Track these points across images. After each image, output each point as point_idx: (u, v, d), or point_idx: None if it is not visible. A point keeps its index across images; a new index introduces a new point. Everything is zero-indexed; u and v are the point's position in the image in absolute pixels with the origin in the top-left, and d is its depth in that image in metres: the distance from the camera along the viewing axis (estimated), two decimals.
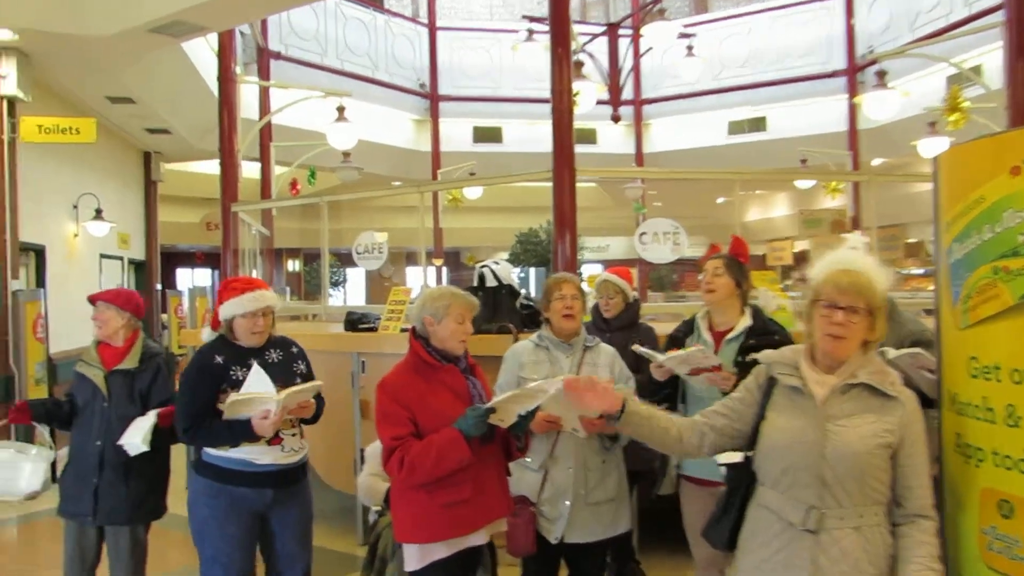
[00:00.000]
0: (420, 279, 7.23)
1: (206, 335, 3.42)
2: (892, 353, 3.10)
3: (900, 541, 2.12)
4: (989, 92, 8.54)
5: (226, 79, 7.76)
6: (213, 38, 8.46)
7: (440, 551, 2.73)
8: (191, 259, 21.78)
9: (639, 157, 15.51)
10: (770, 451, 2.20)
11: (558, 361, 3.17)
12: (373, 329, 5.11)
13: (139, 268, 12.37)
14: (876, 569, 2.08)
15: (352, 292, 22.80)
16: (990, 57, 9.22)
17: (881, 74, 8.87)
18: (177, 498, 3.82)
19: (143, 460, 3.52)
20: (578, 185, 5.68)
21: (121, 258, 11.36)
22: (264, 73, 11.85)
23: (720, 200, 18.18)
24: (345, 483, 5.04)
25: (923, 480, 2.16)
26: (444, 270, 17.20)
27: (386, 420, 2.73)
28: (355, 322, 5.17)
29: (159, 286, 12.76)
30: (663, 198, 17.65)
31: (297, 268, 21.49)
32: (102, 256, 10.47)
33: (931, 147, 9.39)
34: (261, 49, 11.82)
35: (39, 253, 8.52)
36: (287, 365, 3.27)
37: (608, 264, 20.19)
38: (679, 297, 16.67)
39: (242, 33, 11.35)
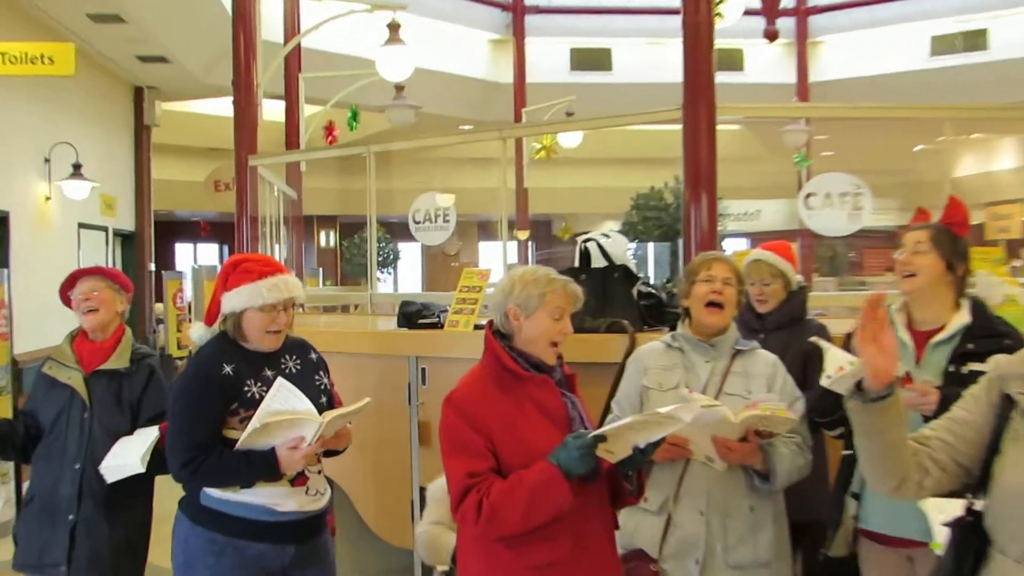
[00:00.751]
0: (499, 258, 7.24)
1: (198, 334, 3.32)
2: None
3: None
4: None
5: None
6: None
7: None
8: (194, 230, 22.35)
9: (803, 89, 15.22)
10: (1013, 505, 2.07)
11: (694, 368, 3.15)
12: (438, 325, 5.14)
13: (127, 241, 12.70)
14: None
15: (406, 275, 23.13)
16: None
17: None
18: (163, 550, 3.82)
19: (128, 494, 3.58)
20: (719, 128, 5.60)
21: (105, 228, 11.69)
22: None
23: (918, 148, 17.68)
24: (399, 534, 5.09)
25: None
26: (531, 246, 17.27)
27: (458, 450, 2.69)
28: (412, 315, 5.20)
29: (152, 266, 13.10)
30: (836, 145, 17.24)
31: (332, 242, 21.85)
32: (81, 226, 10.79)
33: None
34: None
35: (1, 222, 8.81)
36: (307, 377, 3.27)
37: (759, 238, 19.91)
38: (858, 284, 16.29)
39: None
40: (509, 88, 15.02)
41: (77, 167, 9.81)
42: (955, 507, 2.35)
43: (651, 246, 13.99)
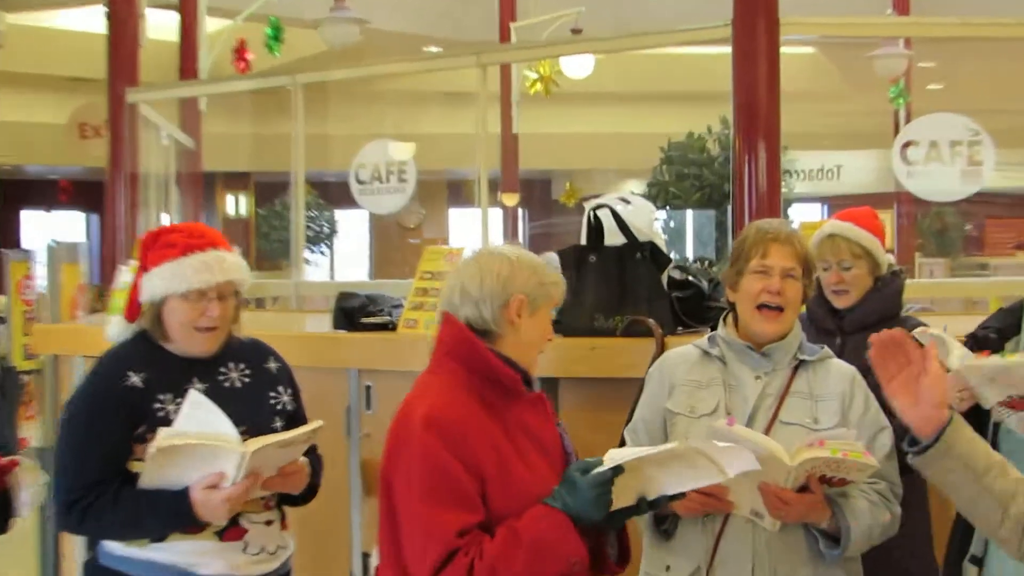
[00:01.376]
0: (477, 233, 7.24)
1: (115, 331, 3.33)
2: None
3: None
4: None
5: None
6: None
7: None
8: (50, 193, 22.22)
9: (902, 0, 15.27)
10: None
11: (739, 386, 3.14)
12: (389, 326, 5.14)
13: None
14: None
15: (347, 257, 23.07)
16: None
17: None
18: None
19: None
20: (784, 52, 5.61)
21: None
22: None
23: None
24: None
25: None
26: (522, 214, 17.28)
27: (443, 495, 2.60)
28: (353, 312, 5.18)
29: None
30: (947, 75, 17.34)
31: (243, 209, 21.83)
32: None
33: None
34: None
35: None
36: (258, 393, 3.29)
37: (839, 204, 19.96)
38: (978, 267, 16.40)
39: None
40: None
41: None
42: None
43: (689, 214, 14.00)
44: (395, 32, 14.00)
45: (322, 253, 20.72)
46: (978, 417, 3.29)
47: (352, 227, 22.32)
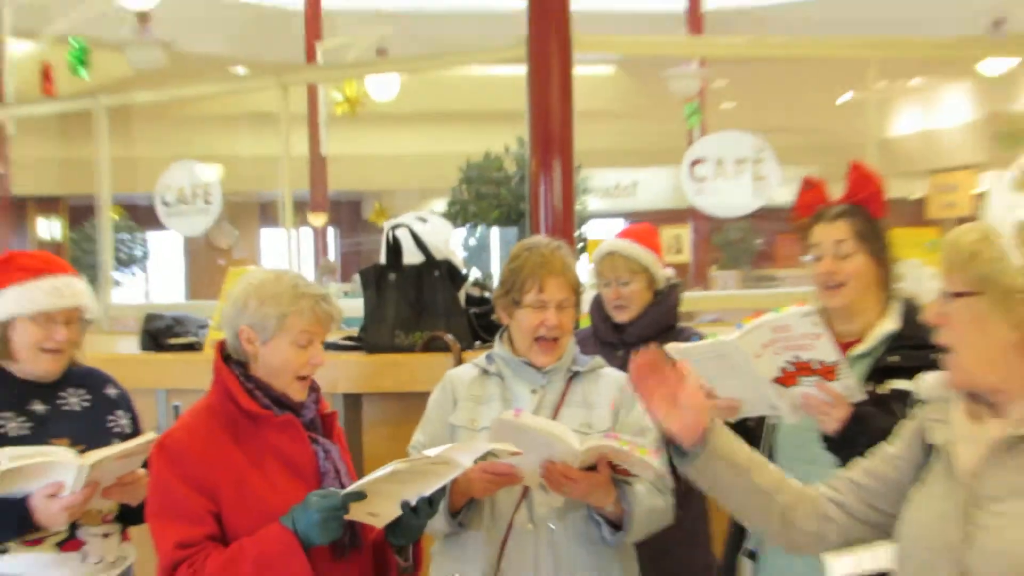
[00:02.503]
0: (284, 252, 7.18)
1: None
2: None
3: None
4: None
5: None
6: None
7: None
8: None
9: (694, 18, 15.58)
10: (901, 547, 2.25)
11: (517, 400, 3.17)
12: (196, 347, 5.08)
13: None
14: None
15: (164, 278, 22.73)
16: None
17: None
18: None
19: None
20: (580, 71, 5.67)
21: None
22: None
23: (844, 98, 18.30)
24: None
25: None
26: (332, 233, 17.19)
27: (168, 512, 2.69)
28: (160, 333, 5.13)
29: None
30: (739, 94, 17.74)
31: (55, 234, 21.37)
32: None
33: None
34: None
35: None
36: (97, 417, 3.27)
37: (637, 219, 20.28)
38: (766, 279, 16.80)
39: None
40: (299, 16, 14.92)
41: None
42: (856, 561, 2.60)
43: (495, 231, 14.10)
44: (201, 54, 13.81)
45: (133, 274, 20.39)
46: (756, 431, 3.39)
47: (167, 249, 22.00)
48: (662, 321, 3.98)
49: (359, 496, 2.61)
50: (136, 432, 3.32)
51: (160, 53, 11.10)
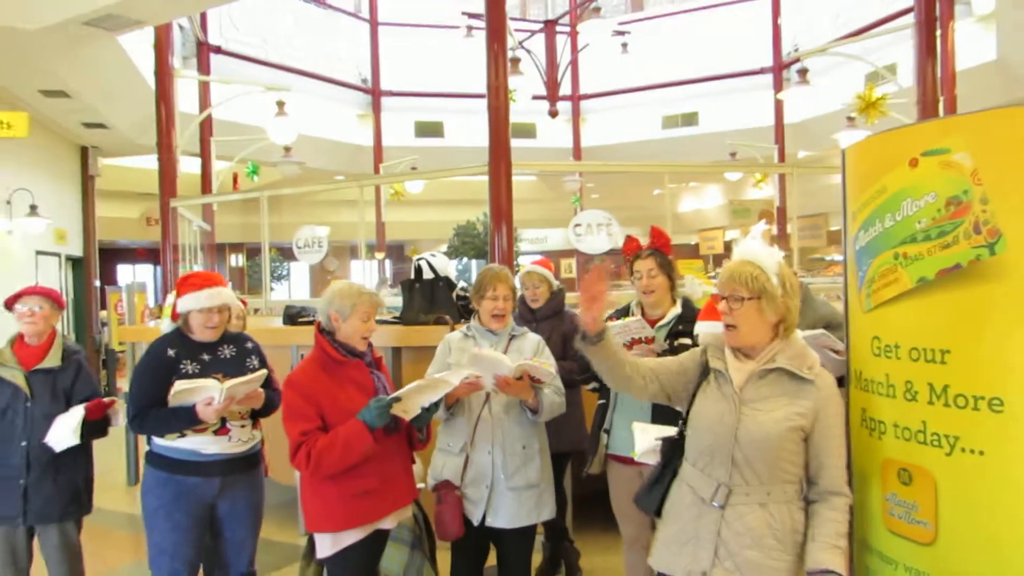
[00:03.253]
0: (362, 272, 7.16)
1: (166, 326, 3.39)
2: (800, 335, 3.22)
3: (811, 519, 2.19)
4: (902, 89, 8.83)
5: (163, 73, 7.58)
6: (150, 31, 8.24)
7: (351, 536, 2.79)
8: (132, 255, 21.26)
9: (576, 151, 15.60)
10: (694, 431, 2.30)
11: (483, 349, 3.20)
12: (313, 322, 5.06)
13: (76, 264, 12.03)
14: (780, 544, 2.15)
15: (296, 286, 22.52)
16: (904, 56, 9.52)
17: (803, 72, 9.08)
18: (114, 495, 3.76)
19: (69, 456, 3.46)
20: (518, 178, 5.71)
21: (58, 254, 11.04)
22: (204, 67, 11.59)
23: (656, 192, 18.38)
24: (287, 475, 4.98)
25: (836, 459, 2.22)
26: (388, 263, 17.10)
27: (294, 416, 2.73)
28: (294, 316, 5.11)
29: (97, 282, 12.43)
30: (600, 191, 17.81)
31: (240, 263, 21.13)
32: (38, 253, 10.16)
33: (850, 141, 9.60)
34: (200, 43, 11.55)
35: None
36: (240, 360, 3.21)
37: (549, 256, 20.29)
38: (616, 286, 16.84)
39: (181, 27, 11.08)
40: (370, 149, 14.83)
41: (33, 207, 9.24)
42: (654, 431, 2.66)
43: (473, 263, 14.15)
44: (320, 168, 13.75)
45: (281, 285, 20.23)
46: None
47: (302, 270, 21.85)
48: (555, 307, 4.05)
49: (396, 399, 2.69)
50: (263, 367, 3.28)
51: (297, 168, 11.02)
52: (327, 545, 2.80)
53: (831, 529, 2.15)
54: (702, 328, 2.86)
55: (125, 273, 21.85)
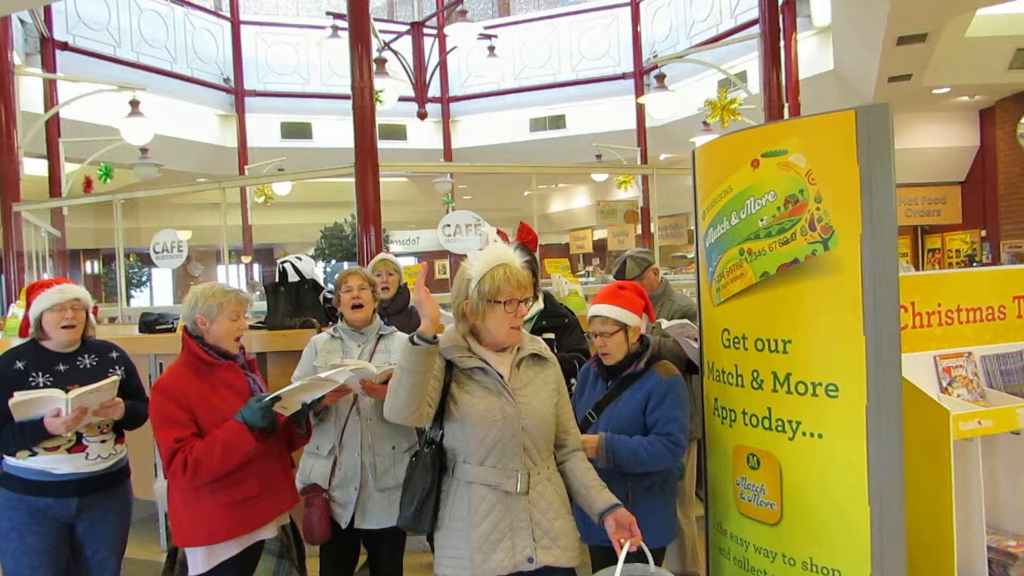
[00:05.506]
0: (227, 277, 6.88)
1: (14, 343, 3.09)
2: (665, 324, 3.32)
3: (572, 473, 2.34)
4: (752, 96, 9.30)
5: (1, 69, 7.01)
6: None
7: (228, 550, 2.61)
8: None
9: (447, 152, 15.60)
10: (474, 428, 2.21)
11: (350, 350, 3.11)
12: (172, 330, 4.80)
13: None
14: (566, 506, 2.30)
15: (159, 293, 21.39)
16: (752, 64, 10.05)
17: (661, 77, 9.42)
18: None
19: None
20: (388, 180, 5.64)
21: None
22: (49, 65, 10.81)
23: (527, 193, 18.60)
24: (146, 490, 4.71)
25: (573, 422, 2.42)
26: (256, 267, 16.53)
27: (166, 423, 2.55)
28: (151, 323, 4.82)
29: None
30: (472, 192, 17.86)
31: (96, 269, 19.89)
32: None
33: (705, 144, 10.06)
34: (45, 39, 10.77)
35: None
36: (101, 371, 2.98)
37: (421, 256, 20.15)
38: None
39: (22, 21, 10.31)
40: (234, 151, 14.29)
41: None
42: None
43: (342, 264, 13.92)
44: (180, 171, 13.08)
45: (141, 292, 19.18)
46: None
47: (165, 276, 20.73)
48: (404, 303, 4.07)
49: (276, 399, 2.57)
50: (131, 379, 3.09)
51: (154, 170, 10.46)
52: (200, 561, 2.60)
53: (593, 475, 2.34)
54: (616, 316, 2.68)
55: None
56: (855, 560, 2.08)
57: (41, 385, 2.83)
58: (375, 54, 7.00)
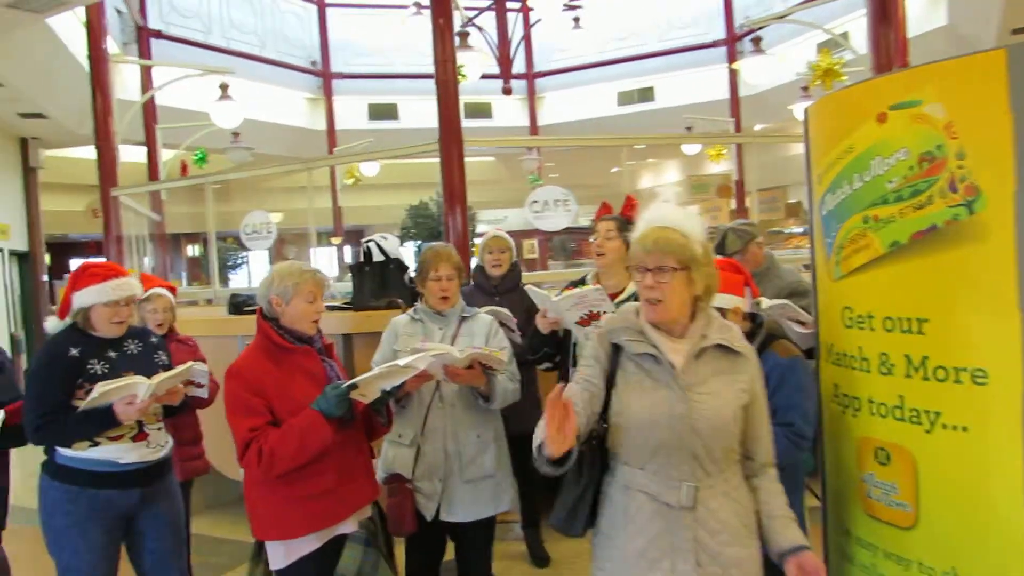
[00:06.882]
0: (317, 259, 6.89)
1: (52, 325, 2.99)
2: (765, 303, 3.06)
3: (757, 494, 1.99)
4: (857, 57, 8.72)
5: (97, 58, 7.19)
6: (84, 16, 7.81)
7: (307, 545, 2.48)
8: (84, 249, 20.58)
9: (533, 129, 15.40)
10: (636, 428, 1.95)
11: (431, 333, 2.96)
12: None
13: (23, 259, 11.55)
14: (748, 530, 1.94)
15: (256, 275, 22.01)
16: (857, 24, 9.43)
17: (756, 40, 8.95)
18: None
19: None
20: (475, 159, 5.51)
21: (0, 250, 10.55)
22: (145, 53, 11.13)
23: (615, 169, 18.21)
24: (236, 469, 4.75)
25: (767, 430, 2.04)
26: (347, 248, 16.75)
27: (239, 410, 2.43)
28: (240, 304, 4.84)
29: (46, 277, 11.95)
30: (559, 169, 17.58)
31: (197, 253, 20.60)
32: None
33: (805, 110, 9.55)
34: (140, 28, 11.07)
35: None
36: (147, 356, 2.93)
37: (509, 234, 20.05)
38: (575, 264, 16.68)
39: (119, 11, 10.61)
40: (323, 134, 14.47)
41: None
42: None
43: (427, 244, 13.98)
44: (272, 155, 13.29)
45: (236, 273, 19.72)
46: (564, 342, 3.23)
47: (260, 259, 21.33)
48: (514, 280, 3.91)
49: (354, 386, 2.42)
50: (170, 364, 3.01)
51: (246, 154, 10.68)
52: (280, 556, 2.50)
53: (783, 501, 1.98)
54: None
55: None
56: (1010, 573, 1.80)
57: (99, 372, 2.75)
58: (457, 26, 6.84)
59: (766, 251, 3.72)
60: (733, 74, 13.06)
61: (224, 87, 8.62)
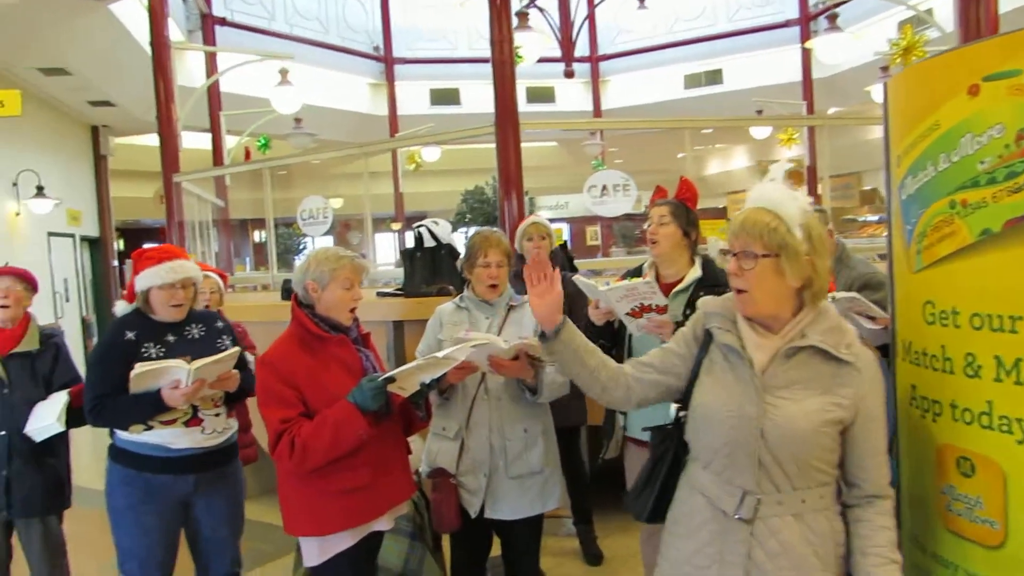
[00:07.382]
0: (379, 245, 6.88)
1: (119, 309, 2.97)
2: (834, 296, 2.85)
3: (855, 527, 1.79)
4: (943, 35, 8.28)
5: (159, 44, 7.26)
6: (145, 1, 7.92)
7: (342, 542, 2.42)
8: (156, 234, 21.17)
9: (597, 114, 15.14)
10: (704, 422, 1.83)
11: (478, 322, 2.85)
12: None
13: (94, 245, 11.91)
14: (822, 563, 1.75)
15: None
16: (939, 1, 8.95)
17: (833, 17, 8.56)
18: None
19: (52, 445, 3.22)
20: (536, 144, 5.39)
21: (72, 235, 10.88)
22: (210, 40, 11.28)
23: (680, 155, 17.82)
24: None
25: (881, 456, 1.81)
26: (408, 235, 16.84)
27: (271, 401, 2.37)
28: (291, 290, 4.81)
29: (115, 262, 12.30)
30: (623, 155, 17.31)
31: (263, 238, 21.00)
32: (50, 234, 9.99)
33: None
34: (204, 15, 11.23)
35: None
36: (210, 341, 2.89)
37: (570, 221, 19.84)
38: (639, 251, 16.44)
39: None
40: (385, 119, 14.50)
41: (40, 188, 9.06)
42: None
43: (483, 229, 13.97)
44: (335, 140, 13.37)
45: (299, 260, 20.00)
46: (620, 333, 3.07)
47: (324, 244, 21.59)
48: (560, 264, 3.82)
49: (391, 379, 2.33)
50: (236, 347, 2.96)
51: (308, 140, 10.77)
52: (314, 552, 2.45)
53: (884, 539, 1.76)
54: None
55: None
56: None
57: (154, 356, 2.74)
58: (517, 6, 6.70)
59: (837, 238, 3.49)
60: (806, 54, 12.58)
61: (284, 72, 8.66)
